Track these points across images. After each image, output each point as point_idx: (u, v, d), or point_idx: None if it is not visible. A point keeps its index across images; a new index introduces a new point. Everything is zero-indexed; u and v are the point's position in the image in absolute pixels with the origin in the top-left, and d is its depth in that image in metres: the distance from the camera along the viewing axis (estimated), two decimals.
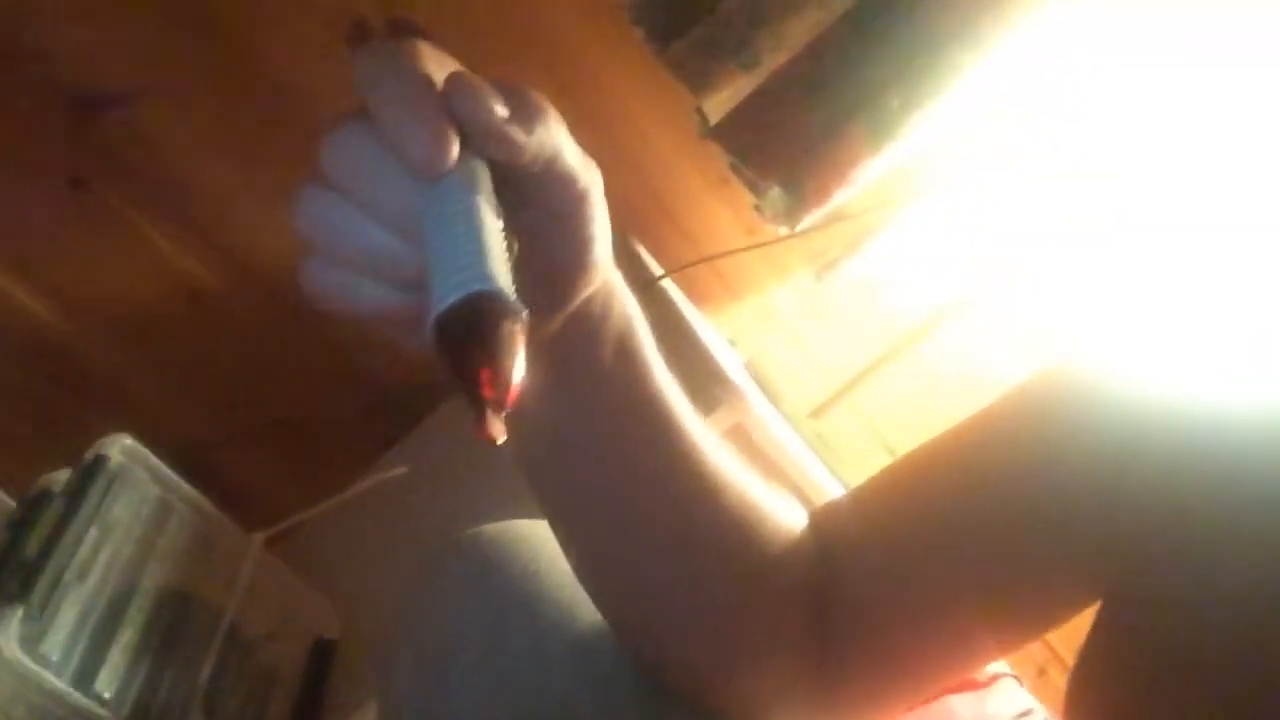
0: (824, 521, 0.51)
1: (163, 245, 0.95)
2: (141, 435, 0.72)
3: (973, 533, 0.46)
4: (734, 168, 0.92)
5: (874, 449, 1.08)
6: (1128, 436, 0.43)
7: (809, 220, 0.90)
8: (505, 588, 0.51)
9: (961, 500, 0.47)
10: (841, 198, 0.87)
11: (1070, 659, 0.46)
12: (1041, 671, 1.12)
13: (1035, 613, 0.48)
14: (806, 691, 0.50)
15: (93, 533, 0.64)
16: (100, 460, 0.67)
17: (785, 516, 0.50)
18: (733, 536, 0.47)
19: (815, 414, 1.02)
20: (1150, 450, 0.42)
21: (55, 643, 0.59)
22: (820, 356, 1.05)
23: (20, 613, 0.57)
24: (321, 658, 0.74)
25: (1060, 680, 1.14)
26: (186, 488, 0.71)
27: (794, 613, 0.49)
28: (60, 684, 0.58)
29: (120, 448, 0.68)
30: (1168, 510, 0.41)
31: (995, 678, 0.89)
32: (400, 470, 0.71)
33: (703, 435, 0.47)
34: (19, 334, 0.92)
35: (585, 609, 0.51)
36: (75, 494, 0.65)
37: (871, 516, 0.50)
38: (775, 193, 0.86)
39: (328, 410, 0.98)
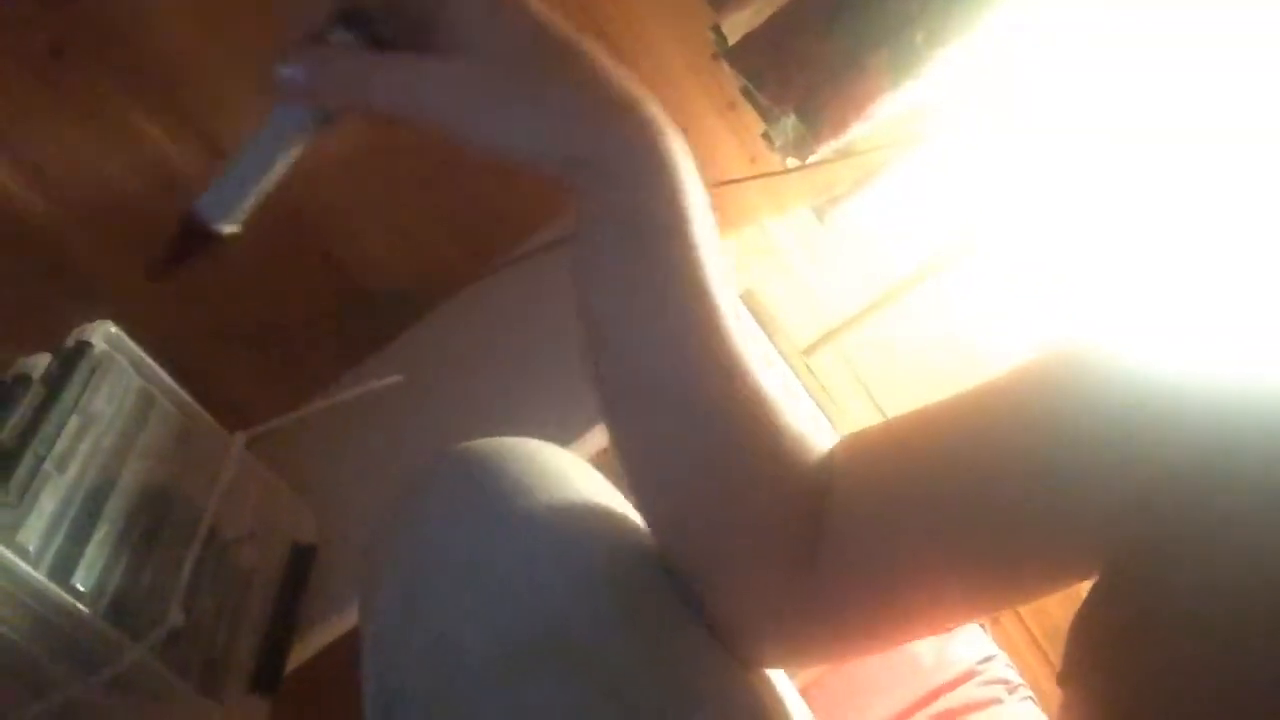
0: (844, 444, 0.51)
1: (146, 128, 0.91)
2: (121, 326, 0.69)
3: (969, 497, 0.46)
4: (746, 92, 0.90)
5: (858, 395, 1.08)
6: (1136, 410, 0.43)
7: (820, 153, 0.88)
8: (495, 504, 0.50)
9: (961, 462, 0.47)
10: (856, 132, 0.85)
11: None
12: (995, 620, 1.14)
13: (1023, 581, 0.48)
14: (790, 614, 0.50)
15: (73, 422, 0.62)
16: (83, 346, 0.64)
17: (801, 426, 0.50)
18: (741, 419, 0.48)
19: (805, 353, 1.01)
20: (1158, 424, 0.42)
21: (32, 533, 0.57)
22: (813, 296, 1.04)
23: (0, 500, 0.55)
24: (300, 562, 0.73)
25: (1013, 629, 1.15)
26: (169, 381, 0.69)
27: (789, 524, 0.49)
28: (36, 575, 0.55)
29: (103, 335, 0.65)
30: (1173, 484, 0.41)
31: None
32: (395, 378, 0.69)
33: (731, 315, 0.47)
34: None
35: (578, 527, 0.50)
36: (56, 380, 0.62)
37: (881, 454, 0.50)
38: (789, 121, 0.84)
39: (311, 311, 0.96)
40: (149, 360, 0.68)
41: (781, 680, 0.55)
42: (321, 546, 0.76)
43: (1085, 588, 0.46)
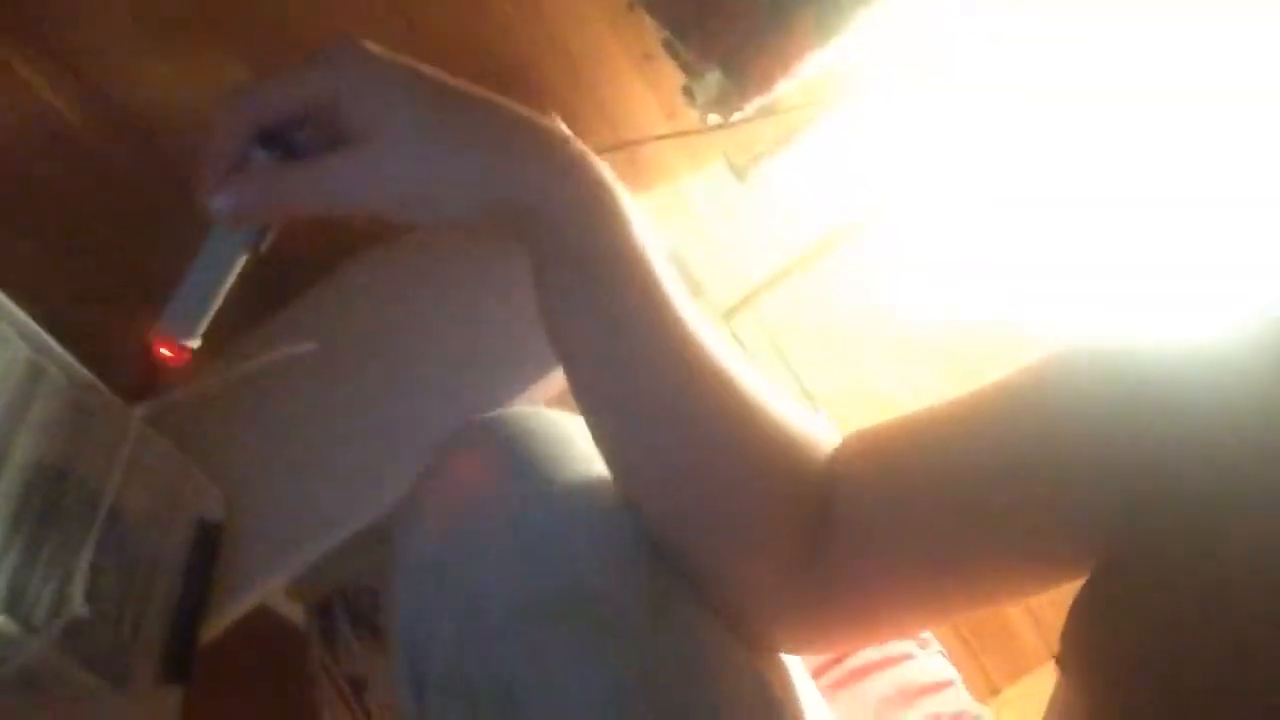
0: (845, 443, 0.53)
1: (26, 75, 0.84)
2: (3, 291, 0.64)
3: (970, 495, 0.48)
4: (667, 45, 0.87)
5: (774, 362, 1.07)
6: (1133, 408, 0.44)
7: (743, 111, 0.86)
8: (528, 469, 0.52)
9: (962, 461, 0.49)
10: (781, 90, 0.84)
11: None
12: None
13: (1022, 577, 0.50)
14: (791, 609, 0.52)
15: None
16: None
17: (792, 427, 0.52)
18: (730, 428, 0.50)
19: (725, 317, 1.00)
20: (1155, 421, 0.43)
21: None
22: (732, 258, 1.02)
23: None
24: (207, 541, 0.69)
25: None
26: (60, 350, 0.64)
27: (787, 524, 0.50)
28: None
29: None
30: (1172, 481, 0.42)
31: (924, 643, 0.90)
32: (307, 346, 0.66)
33: (692, 318, 0.50)
34: None
35: (604, 496, 0.52)
36: None
37: (882, 454, 0.52)
38: (714, 77, 0.81)
39: None
40: (36, 328, 0.62)
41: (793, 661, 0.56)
42: (228, 523, 0.71)
43: None
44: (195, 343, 0.53)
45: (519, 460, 0.55)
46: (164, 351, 0.53)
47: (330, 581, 0.84)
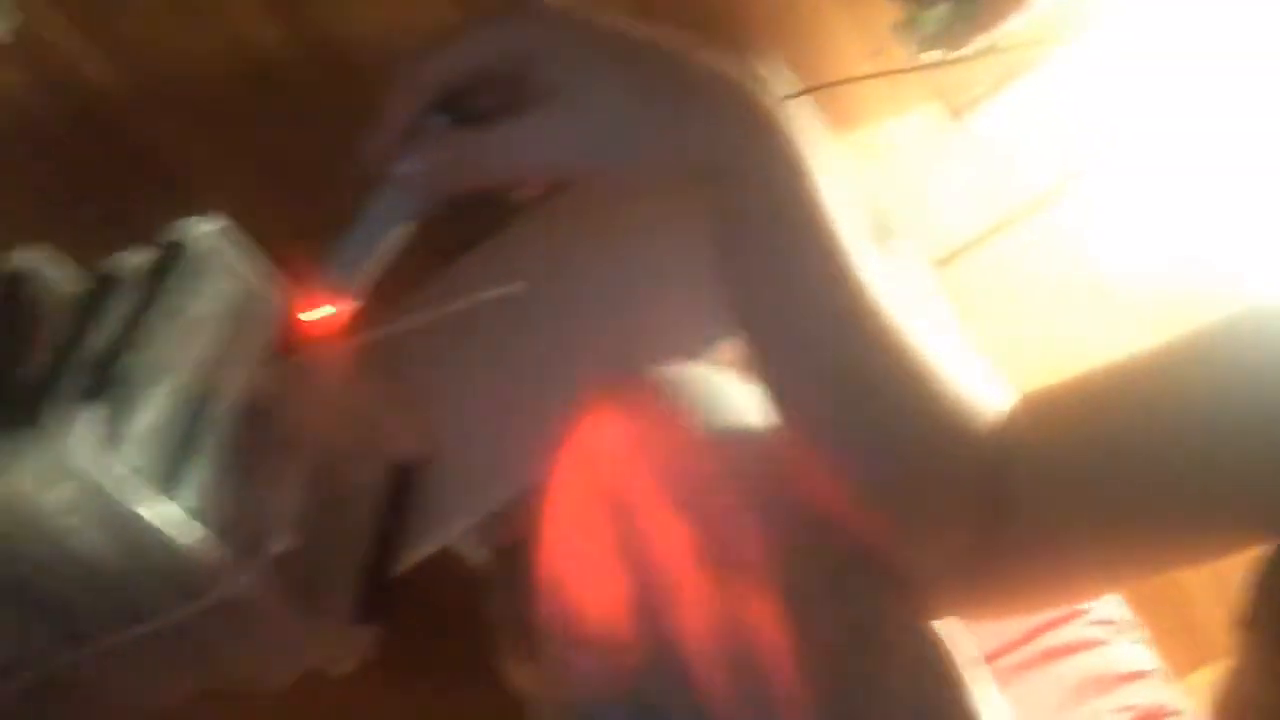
0: (1021, 406, 0.52)
1: (236, 9, 0.85)
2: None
3: (1153, 458, 0.47)
4: None
5: (979, 315, 1.01)
6: None
7: (965, 49, 0.80)
8: (693, 424, 0.54)
9: (1144, 422, 0.48)
10: (1010, 25, 0.78)
11: None
12: None
13: (1206, 543, 0.48)
14: (967, 575, 0.52)
15: (173, 326, 0.57)
16: (184, 242, 0.59)
17: (975, 391, 0.51)
18: (912, 392, 0.49)
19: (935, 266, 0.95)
20: None
21: (131, 447, 0.53)
22: (940, 207, 0.96)
23: (97, 412, 0.51)
24: (402, 481, 0.69)
25: None
26: (270, 285, 0.64)
27: (971, 483, 0.50)
28: (138, 494, 0.51)
29: (206, 229, 0.60)
30: None
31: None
32: (515, 286, 0.65)
33: (878, 281, 0.49)
34: (77, 97, 0.83)
35: (769, 454, 0.53)
36: (155, 279, 0.57)
37: (1061, 415, 0.51)
38: (941, 9, 0.76)
39: None
40: (249, 261, 0.63)
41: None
42: (423, 464, 0.71)
43: None
44: (353, 302, 0.53)
45: (682, 413, 0.56)
46: (318, 310, 0.52)
47: (517, 527, 0.84)
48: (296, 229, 0.89)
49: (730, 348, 0.77)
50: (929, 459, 0.50)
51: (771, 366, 0.51)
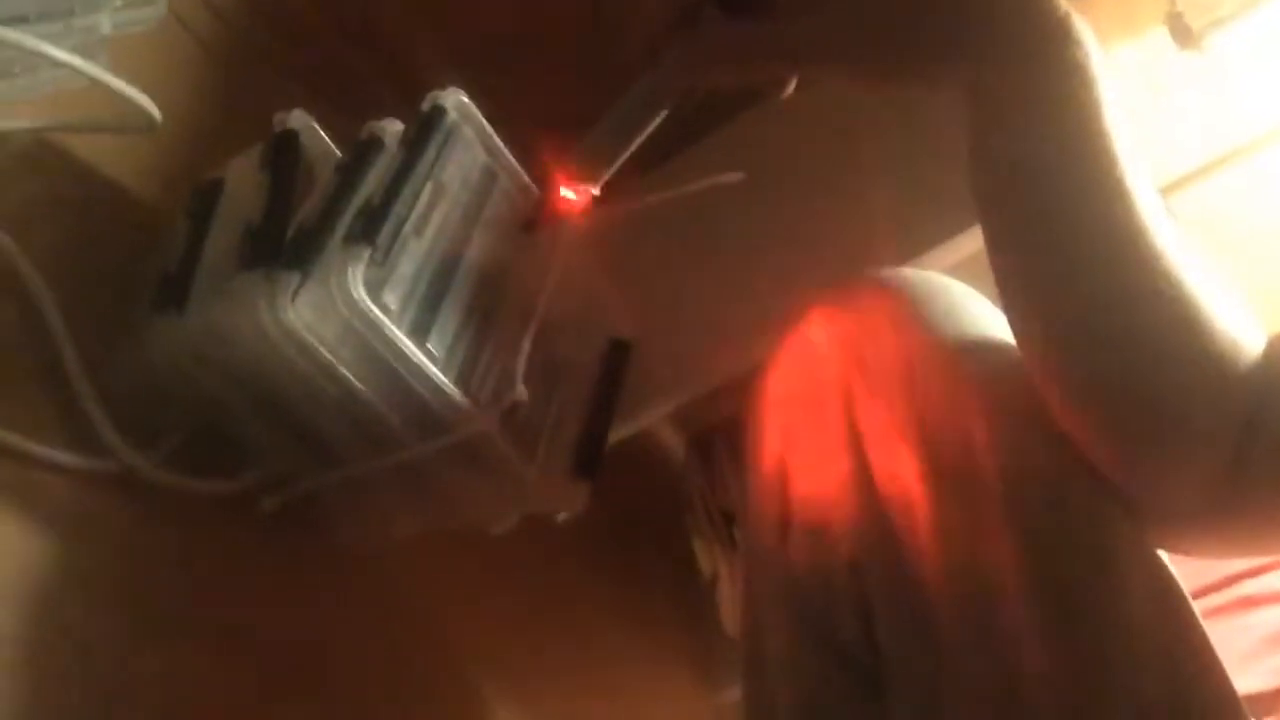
0: (1272, 352, 0.50)
1: None
2: None
3: None
4: None
5: (1205, 252, 0.98)
6: None
7: None
8: (926, 325, 0.54)
9: None
10: None
11: None
12: None
13: None
14: (1212, 512, 0.50)
15: (429, 188, 0.61)
16: (438, 112, 0.63)
17: (1233, 328, 0.49)
18: (1170, 313, 0.47)
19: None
20: None
21: (395, 293, 0.58)
22: (1170, 136, 0.93)
23: (366, 255, 0.55)
24: (617, 356, 0.72)
25: None
26: (512, 160, 0.68)
27: (1223, 421, 0.48)
28: (399, 334, 0.56)
29: (455, 104, 0.64)
30: None
31: None
32: (735, 175, 0.66)
33: (1149, 210, 0.47)
34: None
35: (1003, 364, 0.52)
36: (414, 144, 0.61)
37: None
38: None
39: None
40: (495, 136, 0.67)
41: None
42: (636, 341, 0.74)
43: None
44: (598, 187, 0.55)
45: (917, 316, 0.55)
46: (566, 191, 0.54)
47: (712, 416, 0.86)
48: (525, 132, 0.93)
49: (937, 260, 0.78)
50: (1186, 390, 0.48)
51: (1025, 277, 0.50)
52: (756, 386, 0.64)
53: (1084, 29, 0.47)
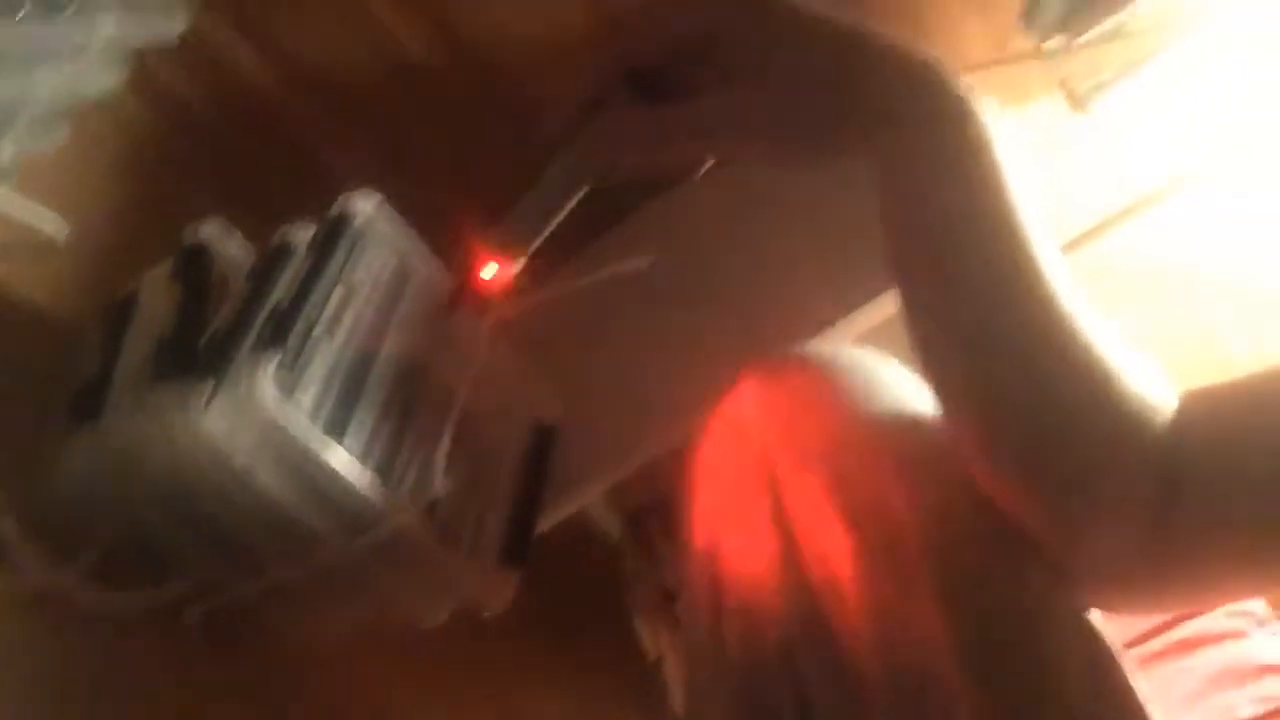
0: (1190, 401, 0.50)
1: (381, 13, 0.91)
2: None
3: None
4: None
5: (1103, 307, 1.01)
6: None
7: (1089, 34, 0.81)
8: (846, 401, 0.53)
9: None
10: (1134, 9, 0.78)
11: None
12: None
13: None
14: (1130, 571, 0.50)
15: (339, 290, 0.62)
16: (347, 216, 0.64)
17: (1141, 382, 0.49)
18: (1083, 377, 0.47)
19: None
20: None
21: (306, 395, 0.58)
22: (1064, 195, 0.96)
23: (276, 359, 0.56)
24: (542, 441, 0.73)
25: None
26: (426, 254, 0.69)
27: (1140, 478, 0.48)
28: (312, 434, 0.56)
29: (365, 205, 0.65)
30: None
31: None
32: (644, 259, 0.68)
33: (1056, 274, 0.48)
34: (235, 91, 0.90)
35: (922, 435, 0.52)
36: (323, 248, 0.62)
37: (1231, 414, 0.50)
38: None
39: None
40: (408, 233, 0.68)
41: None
42: (561, 427, 0.75)
43: None
44: (518, 265, 0.55)
45: (839, 391, 0.55)
46: (487, 269, 0.55)
47: (647, 492, 0.87)
48: (438, 219, 0.95)
49: (864, 321, 0.80)
50: (1104, 446, 0.48)
51: (935, 340, 0.50)
52: (687, 463, 0.64)
53: (982, 104, 0.48)
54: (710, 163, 0.55)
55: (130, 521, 0.61)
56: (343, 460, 0.57)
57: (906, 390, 0.57)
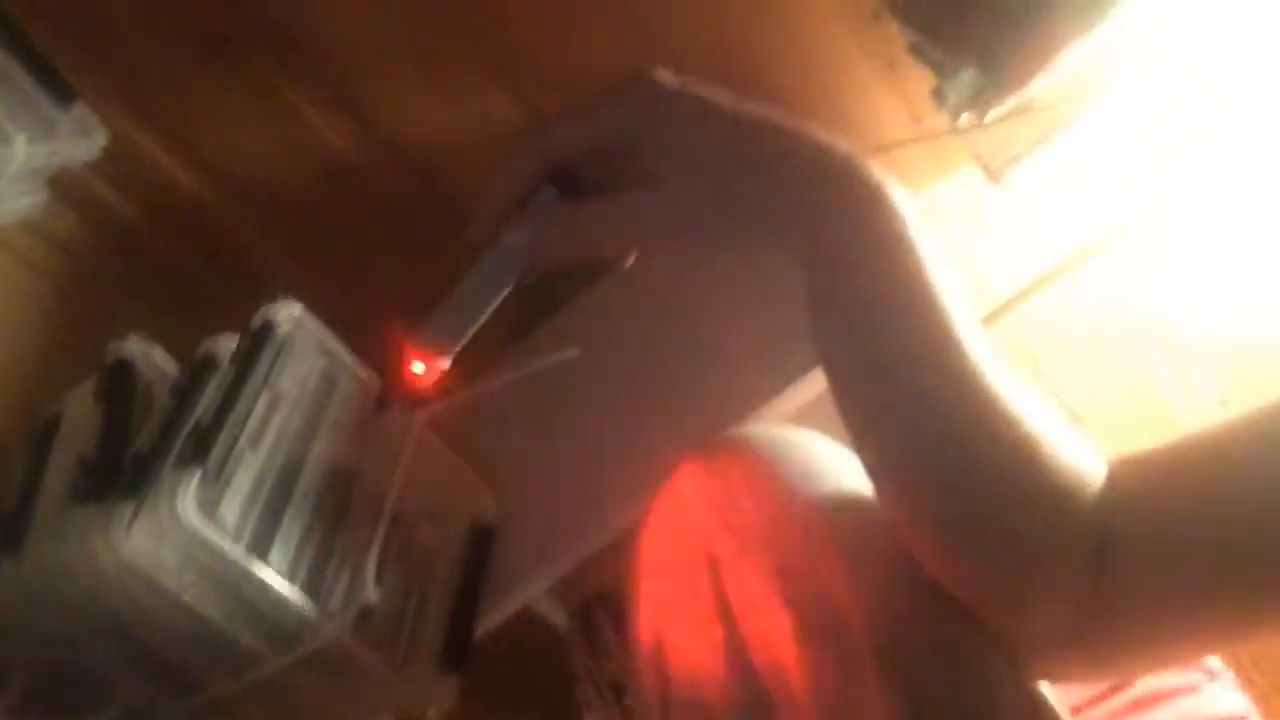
0: (1119, 472, 0.50)
1: (308, 114, 0.92)
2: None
3: (1251, 523, 0.46)
4: (915, 48, 0.86)
5: (1030, 372, 1.03)
6: None
7: (999, 110, 0.83)
8: (783, 484, 0.54)
9: (1240, 488, 0.47)
10: (1040, 84, 0.80)
11: None
12: None
13: None
14: (1069, 642, 0.51)
15: (263, 400, 0.62)
16: (269, 326, 0.64)
17: (1070, 456, 0.50)
18: (1009, 454, 0.48)
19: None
20: None
21: (231, 510, 0.57)
22: (984, 265, 0.99)
23: (198, 476, 0.55)
24: (479, 541, 0.72)
25: None
26: (351, 360, 0.69)
27: (1075, 551, 0.49)
28: (236, 551, 0.56)
29: (288, 315, 0.65)
30: None
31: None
32: (571, 352, 0.68)
33: (978, 352, 0.48)
34: (162, 200, 0.90)
35: (861, 515, 0.52)
36: (245, 360, 0.62)
37: (1161, 481, 0.50)
38: (968, 75, 0.79)
39: None
40: (331, 339, 0.68)
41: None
42: (499, 522, 0.75)
43: None
44: (447, 362, 0.55)
45: (774, 475, 0.56)
46: (417, 365, 0.55)
47: (591, 584, 0.86)
48: (366, 319, 0.95)
49: (804, 393, 0.80)
50: (1037, 527, 0.49)
51: (867, 429, 0.51)
52: (630, 554, 0.64)
53: (898, 191, 0.50)
54: (634, 254, 0.55)
55: (56, 648, 0.60)
56: (269, 575, 0.57)
57: (844, 468, 0.57)
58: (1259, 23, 0.87)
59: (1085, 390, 1.03)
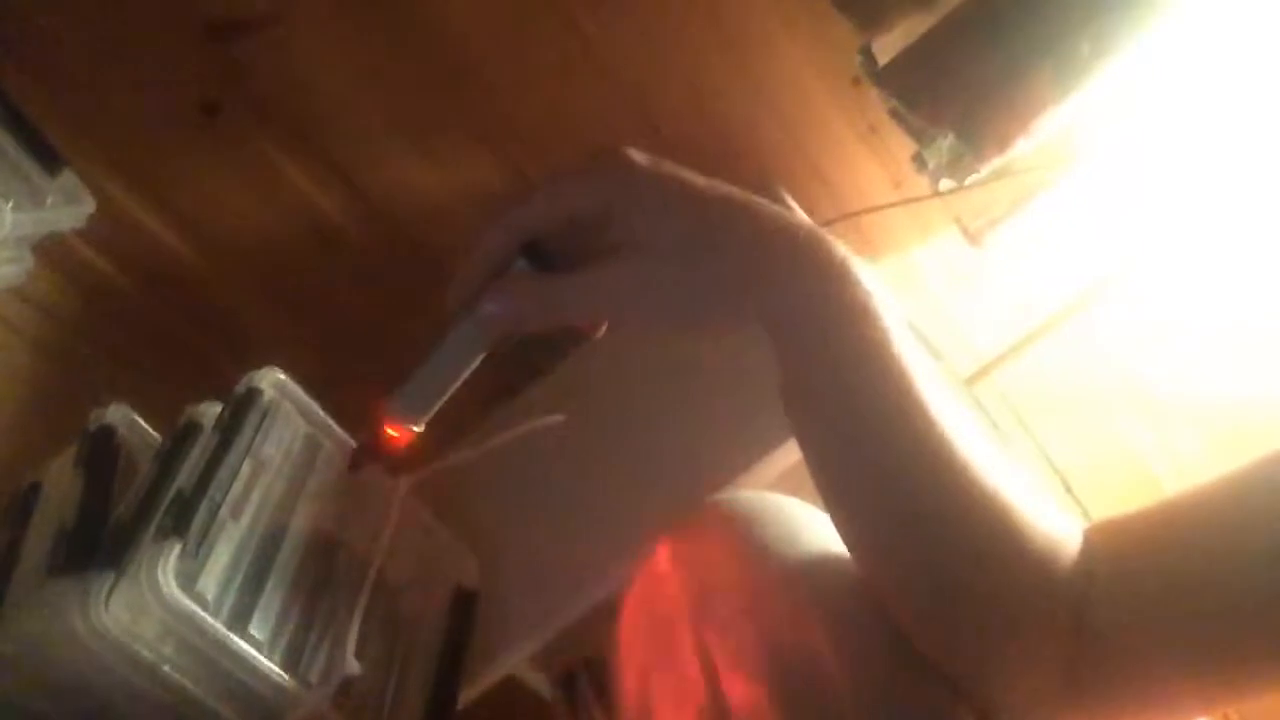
0: (1095, 538, 0.50)
1: (295, 178, 0.92)
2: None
3: (1227, 591, 0.46)
4: (895, 114, 0.87)
5: (1016, 432, 1.03)
6: None
7: (979, 174, 0.84)
8: (764, 553, 0.55)
9: (1217, 555, 0.47)
10: (1018, 150, 0.82)
11: None
12: None
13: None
14: (1050, 704, 0.50)
15: (246, 468, 0.61)
16: (253, 393, 0.64)
17: (1045, 525, 0.50)
18: (983, 528, 0.48)
19: (964, 385, 0.97)
20: None
21: (211, 582, 0.57)
22: (967, 327, 1.00)
23: (178, 548, 0.55)
24: (463, 607, 0.71)
25: None
26: (335, 427, 0.69)
27: (1052, 622, 0.49)
28: (216, 624, 0.55)
29: (271, 381, 0.65)
30: None
31: None
32: (555, 418, 0.68)
33: (949, 423, 0.48)
34: (151, 265, 0.90)
35: (841, 583, 0.53)
36: (228, 427, 0.62)
37: (1137, 548, 0.50)
38: (947, 142, 0.80)
39: None
40: (315, 406, 0.68)
41: None
42: (483, 589, 0.74)
43: None
44: (420, 427, 0.56)
45: (754, 541, 0.56)
46: (391, 431, 0.55)
47: (574, 651, 0.85)
48: (353, 380, 0.95)
49: (785, 459, 0.80)
50: (1011, 601, 0.49)
51: (843, 508, 0.51)
52: (614, 621, 0.64)
53: (863, 267, 0.50)
54: (605, 325, 0.56)
55: None
56: (249, 647, 0.56)
57: (822, 535, 0.57)
58: (1233, 84, 0.89)
59: (1068, 451, 1.03)
